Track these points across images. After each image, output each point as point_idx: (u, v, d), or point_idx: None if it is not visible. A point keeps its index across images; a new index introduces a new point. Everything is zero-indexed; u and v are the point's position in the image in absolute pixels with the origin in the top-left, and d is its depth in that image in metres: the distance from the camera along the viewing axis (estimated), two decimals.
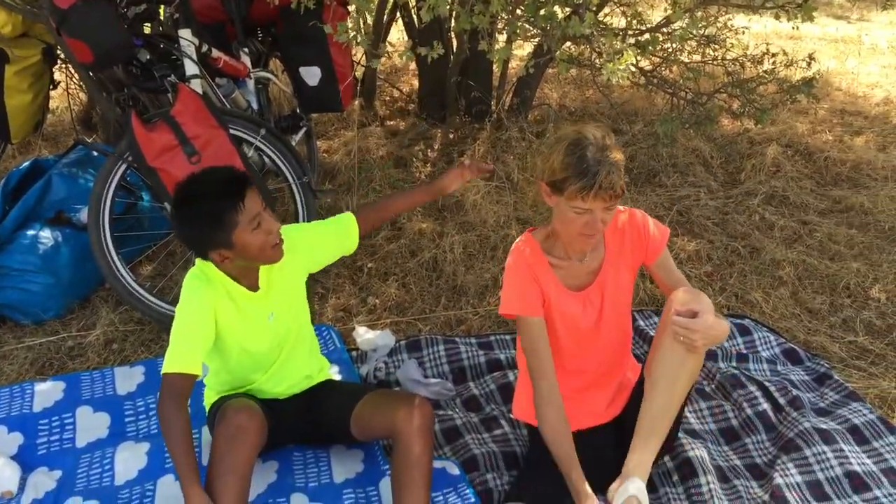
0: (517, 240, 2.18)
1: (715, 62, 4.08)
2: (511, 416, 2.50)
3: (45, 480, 2.27)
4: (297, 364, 2.33)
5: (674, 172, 4.20)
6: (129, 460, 2.31)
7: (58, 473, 2.31)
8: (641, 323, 2.93)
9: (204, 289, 2.10)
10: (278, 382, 2.30)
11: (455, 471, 2.23)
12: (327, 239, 2.33)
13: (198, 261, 2.16)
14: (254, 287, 2.17)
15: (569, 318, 2.13)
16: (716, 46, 4.02)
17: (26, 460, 2.35)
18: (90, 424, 2.49)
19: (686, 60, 3.91)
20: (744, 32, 4.26)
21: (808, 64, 3.78)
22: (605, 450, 2.18)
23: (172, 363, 2.03)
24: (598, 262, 2.14)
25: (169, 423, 1.97)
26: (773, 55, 3.93)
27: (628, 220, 2.15)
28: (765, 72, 3.87)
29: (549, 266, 2.12)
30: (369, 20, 2.72)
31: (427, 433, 2.07)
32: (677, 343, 2.00)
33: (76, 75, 4.24)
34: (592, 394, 2.24)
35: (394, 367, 2.75)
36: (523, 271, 2.10)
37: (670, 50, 3.71)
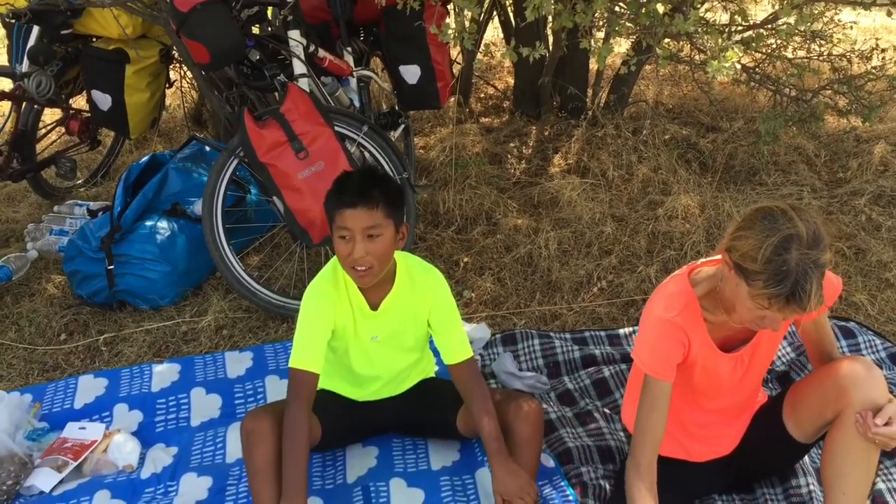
0: (671, 282, 1.95)
1: (820, 58, 3.97)
2: (605, 411, 2.52)
3: (162, 456, 2.42)
4: (398, 387, 2.39)
5: (775, 171, 4.11)
6: (239, 440, 2.43)
7: (174, 450, 2.46)
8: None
9: (329, 286, 2.16)
10: (374, 394, 2.37)
11: (550, 463, 2.28)
12: (440, 326, 2.25)
13: (333, 258, 2.20)
14: (375, 306, 2.20)
15: (713, 376, 1.98)
16: (822, 42, 3.91)
17: (145, 437, 2.51)
18: (203, 405, 2.64)
19: (790, 56, 3.83)
20: (851, 28, 4.13)
21: None
22: (714, 474, 2.16)
23: (298, 359, 2.10)
24: None
25: (291, 425, 2.03)
26: (883, 51, 3.80)
27: None
28: (873, 68, 3.75)
29: (704, 322, 1.90)
30: (471, 19, 2.76)
31: (540, 432, 2.18)
32: (863, 439, 1.84)
33: (189, 74, 4.46)
34: (719, 431, 2.12)
35: (489, 359, 2.80)
36: (670, 332, 1.88)
37: (774, 46, 3.63)
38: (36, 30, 3.66)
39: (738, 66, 3.78)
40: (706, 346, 1.92)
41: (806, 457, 2.22)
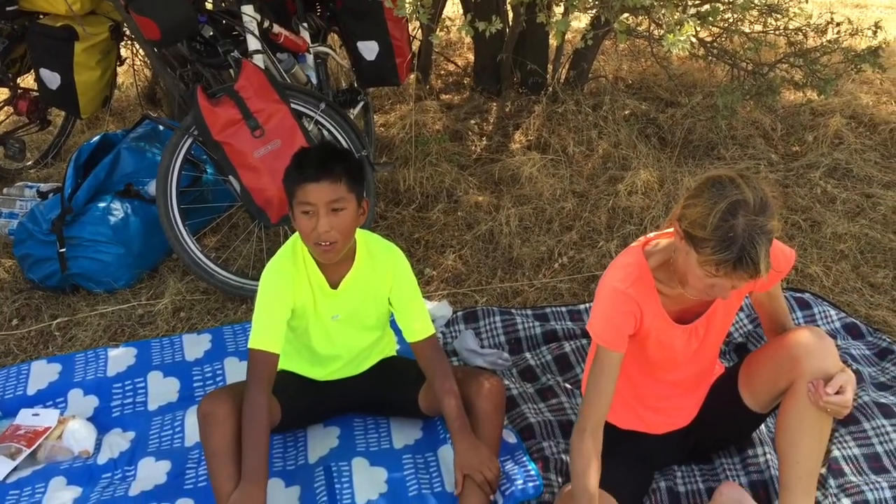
0: (626, 254, 1.95)
1: (777, 32, 4.00)
2: (566, 386, 2.54)
3: (119, 441, 2.39)
4: (359, 366, 2.37)
5: (733, 145, 4.15)
6: (197, 423, 2.41)
7: (131, 434, 2.42)
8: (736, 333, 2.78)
9: (287, 265, 2.13)
10: (335, 374, 2.35)
11: (512, 439, 2.28)
12: (401, 304, 2.24)
13: (292, 237, 2.17)
14: (335, 285, 2.18)
15: (668, 349, 1.99)
16: (777, 16, 3.94)
17: (102, 422, 2.47)
18: (161, 389, 2.59)
19: (747, 30, 3.84)
20: (807, 1, 4.16)
21: (874, 32, 3.69)
22: (672, 445, 2.17)
23: (258, 339, 2.07)
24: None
25: (251, 408, 2.01)
26: (838, 24, 3.84)
27: None
28: (828, 41, 3.78)
29: (657, 294, 1.91)
30: None
31: (502, 409, 2.19)
32: (816, 408, 1.86)
33: (141, 52, 4.35)
34: (677, 403, 2.13)
35: (451, 337, 2.80)
36: (622, 303, 1.88)
37: (731, 20, 3.64)
38: None
39: (694, 41, 3.80)
40: (659, 318, 1.93)
41: (763, 426, 2.25)
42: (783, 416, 1.92)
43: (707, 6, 3.27)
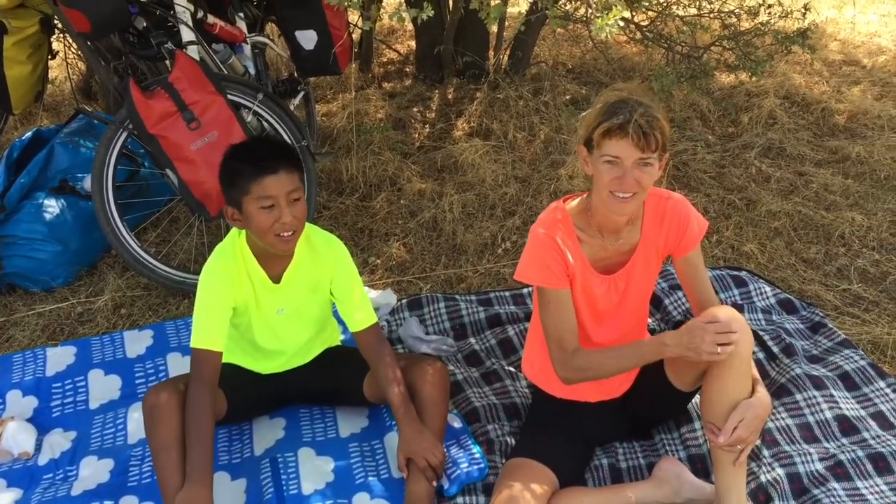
0: (549, 207, 2.07)
1: (711, 15, 4.07)
2: (509, 369, 2.57)
3: (60, 441, 2.36)
4: (303, 357, 2.37)
5: (671, 127, 4.21)
6: (141, 420, 2.37)
7: (72, 434, 2.39)
8: (665, 301, 2.84)
9: (227, 262, 2.12)
10: (280, 367, 2.35)
11: (458, 423, 2.31)
12: (343, 294, 2.24)
13: (231, 232, 2.16)
14: (276, 279, 2.17)
15: (589, 297, 2.05)
16: None
17: (42, 423, 2.43)
18: (102, 387, 2.56)
19: (682, 14, 3.91)
20: None
21: (804, 14, 3.78)
22: (610, 419, 2.22)
23: (199, 338, 2.06)
24: (631, 246, 2.05)
25: (194, 407, 2.01)
26: (770, 6, 3.92)
27: (671, 207, 2.04)
28: (761, 24, 3.87)
29: (578, 240, 2.01)
30: None
31: (446, 394, 2.22)
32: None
33: (74, 45, 4.26)
34: None
35: (396, 325, 2.81)
36: (550, 244, 1.98)
37: (665, 4, 3.70)
38: None
39: (632, 25, 3.85)
40: (579, 261, 2.01)
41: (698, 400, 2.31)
42: (705, 394, 1.96)
43: None
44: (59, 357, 2.67)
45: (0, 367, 2.63)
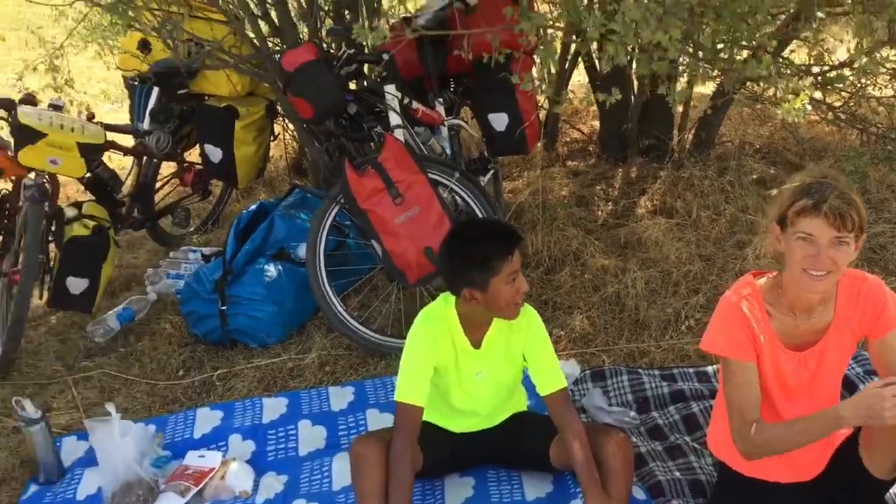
0: (739, 280, 2.09)
1: None
2: (694, 445, 2.58)
3: (274, 484, 2.61)
4: (493, 419, 2.51)
5: (866, 209, 4.08)
6: (344, 469, 2.54)
7: (284, 478, 2.63)
8: (860, 386, 2.73)
9: (434, 326, 2.32)
10: (472, 426, 2.50)
11: (642, 495, 2.35)
12: (535, 358, 2.39)
13: (439, 299, 2.37)
14: (477, 344, 2.36)
15: (779, 373, 2.04)
16: None
17: (258, 465, 2.70)
18: (310, 436, 2.81)
19: (877, 95, 3.83)
20: None
21: None
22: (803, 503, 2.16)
23: (404, 393, 2.25)
24: (824, 325, 2.01)
25: (396, 459, 2.18)
26: None
27: (867, 288, 2.01)
28: None
29: (768, 316, 2.00)
30: (553, 69, 2.91)
31: (631, 465, 2.27)
32: None
33: (291, 126, 4.75)
34: (800, 450, 2.03)
35: (580, 395, 2.89)
36: (738, 317, 1.98)
37: (858, 85, 3.65)
38: (156, 91, 3.99)
39: (823, 106, 3.82)
40: (768, 334, 1.99)
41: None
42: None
43: (834, 73, 3.31)
44: (274, 407, 2.96)
45: (224, 413, 2.95)
